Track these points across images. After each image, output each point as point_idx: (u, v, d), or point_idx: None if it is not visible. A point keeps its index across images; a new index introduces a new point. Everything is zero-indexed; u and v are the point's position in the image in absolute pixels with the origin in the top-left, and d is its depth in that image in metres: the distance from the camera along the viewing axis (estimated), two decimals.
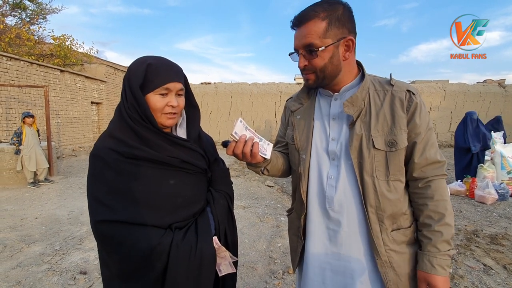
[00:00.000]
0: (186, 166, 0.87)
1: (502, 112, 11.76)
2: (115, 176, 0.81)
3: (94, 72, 10.40)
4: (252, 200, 4.41)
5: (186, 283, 0.81)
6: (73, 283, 2.13)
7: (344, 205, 0.86)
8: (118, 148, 0.81)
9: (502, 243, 2.95)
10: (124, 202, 0.80)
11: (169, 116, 0.83)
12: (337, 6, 0.81)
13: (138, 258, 0.78)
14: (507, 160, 4.67)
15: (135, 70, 0.81)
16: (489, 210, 3.99)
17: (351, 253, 0.85)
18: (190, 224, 0.86)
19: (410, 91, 0.84)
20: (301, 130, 0.95)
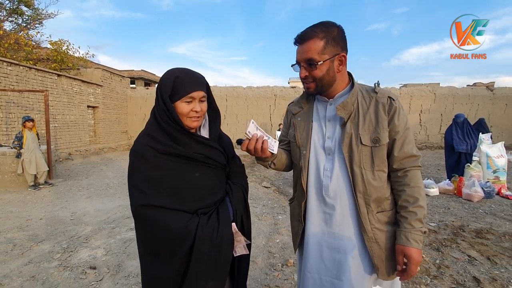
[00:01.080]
0: (209, 161, 1.02)
1: (490, 114, 12.18)
2: (151, 168, 0.96)
3: (90, 76, 10.46)
4: (250, 200, 4.55)
5: (208, 260, 0.95)
6: (84, 277, 2.25)
7: (338, 192, 1.02)
8: (154, 145, 0.96)
9: (487, 237, 3.15)
10: (159, 190, 0.94)
11: (194, 119, 0.99)
12: (332, 28, 0.99)
13: (169, 237, 0.92)
14: (493, 160, 4.91)
15: (165, 82, 0.97)
16: (476, 207, 4.20)
17: (344, 232, 1.02)
18: (212, 211, 1.01)
19: (391, 98, 1.02)
20: (301, 130, 1.12)
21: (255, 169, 7.52)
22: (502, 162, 4.91)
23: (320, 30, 0.97)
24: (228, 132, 12.58)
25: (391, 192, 1.04)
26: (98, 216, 3.76)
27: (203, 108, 1.01)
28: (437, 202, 4.45)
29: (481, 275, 2.34)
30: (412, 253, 0.93)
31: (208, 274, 0.94)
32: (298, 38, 1.01)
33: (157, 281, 0.97)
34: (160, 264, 0.96)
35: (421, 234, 0.95)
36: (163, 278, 0.95)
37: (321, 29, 0.98)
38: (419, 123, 12.38)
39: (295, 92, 12.48)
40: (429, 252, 2.77)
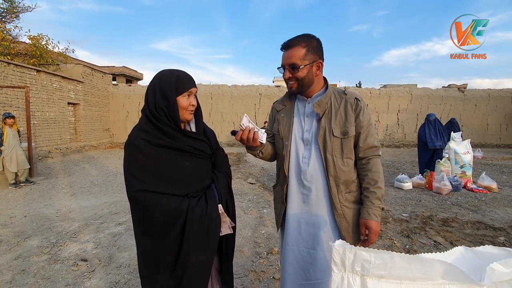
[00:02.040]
0: (197, 152, 1.17)
1: (461, 114, 12.95)
2: (146, 159, 1.09)
3: (71, 72, 10.19)
4: (236, 195, 4.70)
5: (199, 237, 1.09)
6: (76, 269, 2.31)
7: (314, 176, 1.22)
8: (148, 138, 1.09)
9: (452, 225, 3.47)
10: (153, 177, 1.08)
11: (190, 112, 1.14)
12: (312, 40, 1.19)
13: (164, 217, 1.06)
14: (460, 156, 5.32)
15: (168, 80, 1.10)
16: (444, 199, 4.57)
17: (318, 210, 1.21)
18: (201, 195, 1.16)
19: (357, 98, 1.23)
20: (284, 124, 1.31)
21: (241, 166, 7.67)
22: (468, 158, 5.33)
23: (302, 40, 1.17)
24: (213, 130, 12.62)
25: (357, 177, 1.24)
26: (85, 213, 3.78)
27: (196, 103, 1.16)
28: (410, 195, 4.78)
29: None
30: (372, 225, 1.14)
31: (199, 249, 1.08)
32: (284, 45, 1.20)
33: (154, 257, 1.10)
34: (156, 242, 1.08)
35: (379, 210, 1.16)
36: (160, 254, 1.08)
37: (303, 39, 1.18)
38: (397, 122, 12.96)
39: (279, 91, 12.71)
40: (400, 238, 3.03)
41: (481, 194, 4.87)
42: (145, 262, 1.15)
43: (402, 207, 4.16)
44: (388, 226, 3.40)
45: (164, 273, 1.10)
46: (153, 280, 1.12)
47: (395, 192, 4.99)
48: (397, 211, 3.99)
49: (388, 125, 12.95)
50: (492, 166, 7.98)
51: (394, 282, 0.68)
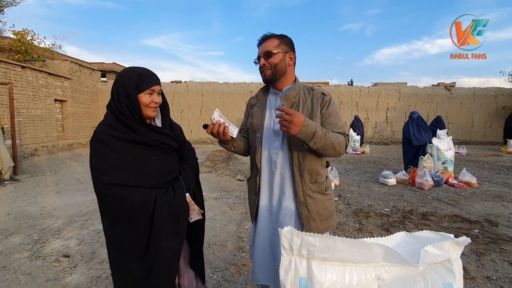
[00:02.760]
0: (164, 146, 1.22)
1: (448, 112, 13.24)
2: (113, 153, 1.12)
3: (58, 68, 10.01)
4: (224, 192, 4.74)
5: (168, 224, 1.15)
6: (57, 265, 2.32)
7: (281, 166, 1.28)
8: (114, 133, 1.13)
9: (430, 219, 3.59)
10: (120, 171, 1.12)
11: (153, 109, 1.18)
12: (285, 36, 1.30)
13: (132, 208, 1.10)
14: (442, 153, 5.47)
15: (129, 77, 1.14)
16: (425, 194, 4.71)
17: (284, 198, 1.27)
18: (169, 186, 1.21)
19: (323, 93, 1.29)
20: (257, 118, 1.36)
21: (230, 163, 7.70)
22: (449, 155, 5.49)
23: (276, 35, 1.28)
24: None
25: (323, 168, 1.31)
26: (70, 210, 3.77)
27: (160, 100, 1.21)
28: (393, 191, 4.91)
29: None
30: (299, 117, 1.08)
31: (168, 235, 1.13)
32: (261, 40, 1.30)
33: (124, 247, 1.14)
34: (126, 232, 1.13)
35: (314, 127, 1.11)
36: (130, 244, 1.13)
37: (277, 34, 1.29)
38: (386, 119, 13.17)
39: None
40: (380, 232, 3.13)
41: (461, 189, 5.03)
42: (116, 254, 1.19)
43: (384, 202, 4.27)
44: (369, 220, 3.49)
45: (135, 262, 1.14)
46: (125, 270, 1.17)
47: (379, 188, 5.11)
48: (380, 206, 4.10)
49: (377, 122, 13.15)
50: (474, 162, 8.21)
51: (338, 264, 0.74)
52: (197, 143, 12.50)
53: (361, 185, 5.30)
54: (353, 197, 4.49)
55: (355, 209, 3.87)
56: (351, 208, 3.92)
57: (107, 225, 1.18)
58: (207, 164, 7.55)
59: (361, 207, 4.01)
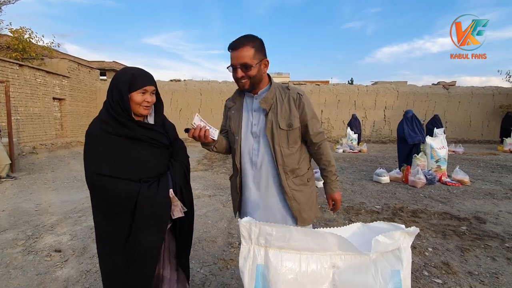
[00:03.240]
0: (153, 141, 1.28)
1: (446, 111, 13.26)
2: (103, 146, 1.20)
3: (56, 67, 10.05)
4: (218, 189, 4.79)
5: (149, 218, 1.19)
6: (49, 259, 2.38)
7: (263, 166, 1.34)
8: (106, 128, 1.20)
9: (420, 216, 3.63)
10: (109, 163, 1.18)
11: (145, 108, 1.24)
12: (256, 39, 1.29)
13: (116, 200, 1.16)
14: (436, 151, 5.51)
15: (123, 77, 1.21)
16: (418, 192, 4.75)
17: (269, 194, 1.33)
18: (155, 180, 1.25)
19: (299, 93, 1.34)
20: (234, 120, 1.40)
21: (227, 162, 7.74)
22: (443, 153, 5.53)
23: (249, 41, 1.27)
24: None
25: (301, 162, 1.37)
26: (65, 207, 3.82)
27: (153, 99, 1.26)
28: (386, 189, 4.95)
29: None
30: (336, 196, 1.45)
31: (148, 228, 1.18)
32: (232, 46, 1.27)
33: (108, 236, 1.20)
34: (110, 222, 1.19)
35: (337, 182, 1.46)
36: (113, 233, 1.19)
37: (249, 40, 1.27)
38: (384, 118, 13.20)
39: None
40: None
41: (453, 187, 5.07)
42: (101, 241, 1.25)
43: (376, 200, 4.31)
44: (359, 217, 3.54)
45: (117, 251, 1.19)
46: (108, 257, 1.23)
47: (373, 186, 5.15)
48: (371, 203, 4.14)
49: (375, 121, 13.18)
50: (470, 160, 8.25)
51: (294, 252, 0.79)
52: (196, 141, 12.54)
53: (355, 183, 5.34)
54: (345, 195, 4.53)
55: (346, 207, 3.92)
56: (342, 206, 3.97)
57: (95, 214, 1.24)
58: (204, 162, 7.60)
59: (353, 204, 4.05)
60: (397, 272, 0.76)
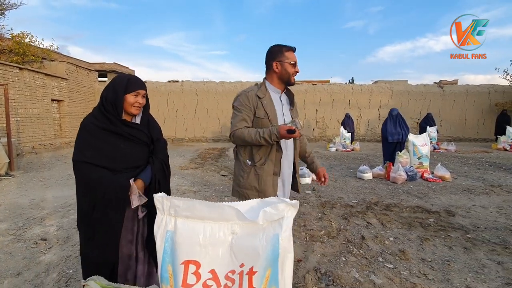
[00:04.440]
0: (133, 138, 1.51)
1: (440, 109, 13.34)
2: (90, 137, 1.45)
3: (55, 69, 10.33)
4: (204, 186, 5.00)
5: (110, 199, 1.40)
6: (35, 246, 2.60)
7: (289, 148, 1.76)
8: (95, 122, 1.45)
9: (392, 209, 3.80)
10: (92, 152, 1.42)
11: (136, 108, 1.49)
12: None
13: (89, 181, 1.40)
14: (418, 148, 5.67)
15: (121, 80, 1.47)
16: (397, 188, 4.91)
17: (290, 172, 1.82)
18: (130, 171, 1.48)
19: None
20: (270, 110, 1.68)
21: (220, 160, 7.95)
22: (425, 150, 5.68)
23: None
24: (199, 126, 12.87)
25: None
26: (56, 202, 4.04)
27: (143, 102, 1.53)
28: (367, 185, 5.12)
29: (368, 234, 2.95)
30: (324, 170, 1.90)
31: (107, 207, 1.40)
32: (294, 48, 1.72)
33: (82, 212, 1.46)
34: (84, 198, 1.44)
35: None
36: (84, 210, 1.44)
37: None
38: (378, 117, 13.31)
39: None
40: (338, 220, 3.36)
41: (433, 183, 5.23)
42: (78, 216, 1.51)
43: (355, 195, 4.48)
44: (333, 210, 3.72)
45: (86, 224, 1.44)
46: (82, 229, 1.48)
47: (355, 182, 5.32)
48: (349, 198, 4.32)
49: (370, 120, 13.31)
50: (460, 158, 8.36)
51: (199, 221, 0.98)
52: (192, 141, 12.77)
53: (338, 180, 5.51)
54: (326, 191, 4.71)
55: (324, 201, 4.10)
56: (320, 201, 4.15)
57: (76, 191, 1.49)
58: (197, 161, 7.81)
59: (331, 199, 4.23)
60: (276, 235, 0.94)
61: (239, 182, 1.73)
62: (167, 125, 12.72)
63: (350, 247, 2.68)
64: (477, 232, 3.09)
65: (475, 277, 2.22)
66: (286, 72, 1.70)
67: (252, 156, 1.69)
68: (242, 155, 1.73)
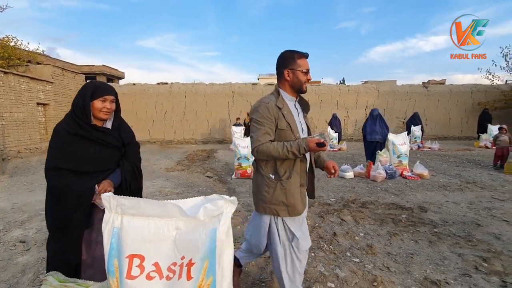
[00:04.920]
0: (103, 142, 1.58)
1: (425, 109, 13.65)
2: (62, 143, 1.52)
3: (40, 72, 10.24)
4: (188, 187, 5.06)
5: (73, 202, 1.47)
6: (13, 248, 2.65)
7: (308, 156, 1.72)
8: (67, 128, 1.52)
9: (368, 207, 3.93)
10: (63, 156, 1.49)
11: (105, 113, 1.55)
12: None
13: (58, 187, 1.47)
14: (397, 147, 5.84)
15: (87, 88, 1.55)
16: (376, 186, 5.06)
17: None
18: (99, 174, 1.54)
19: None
20: (291, 120, 1.62)
21: (207, 162, 8.01)
22: (404, 149, 5.86)
23: None
24: (187, 128, 12.89)
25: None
26: (38, 205, 4.06)
27: (112, 107, 1.59)
28: (348, 184, 5.26)
29: (340, 231, 3.07)
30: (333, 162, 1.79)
31: (73, 209, 1.47)
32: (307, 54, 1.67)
33: (50, 211, 1.53)
34: (51, 202, 1.52)
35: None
36: (52, 211, 1.51)
37: None
38: (365, 117, 13.49)
39: (252, 89, 13.07)
40: (314, 218, 3.47)
41: (412, 180, 5.40)
42: (46, 218, 1.57)
43: (334, 194, 4.61)
44: (311, 209, 3.82)
45: (51, 225, 1.53)
46: (50, 231, 1.56)
47: (336, 181, 5.44)
48: (329, 196, 4.43)
49: (357, 120, 13.53)
50: (441, 156, 8.59)
51: (144, 218, 1.07)
52: (181, 143, 12.79)
53: (320, 179, 5.62)
54: None
55: None
56: None
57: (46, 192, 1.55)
58: (184, 163, 7.85)
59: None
60: (214, 229, 1.04)
61: (265, 198, 1.62)
62: (156, 128, 12.72)
63: (321, 243, 2.79)
64: (445, 226, 3.23)
65: (435, 268, 2.35)
66: (298, 80, 1.64)
67: (275, 170, 1.62)
68: (263, 169, 1.64)
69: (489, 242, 2.82)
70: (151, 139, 12.79)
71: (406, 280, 2.19)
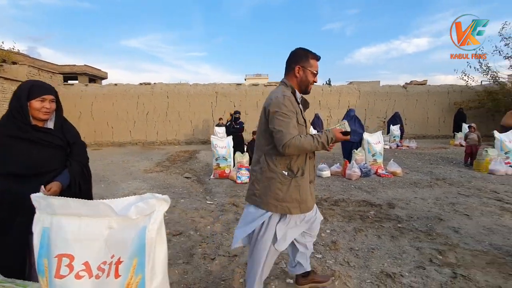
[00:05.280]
0: (45, 143, 1.52)
1: (405, 109, 14.03)
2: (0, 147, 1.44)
3: (15, 73, 9.91)
4: (164, 189, 5.02)
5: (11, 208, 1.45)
6: None
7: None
8: (4, 131, 1.46)
9: (339, 204, 4.02)
10: (3, 161, 1.43)
11: (44, 113, 1.50)
12: None
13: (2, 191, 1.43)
14: (372, 146, 6.00)
15: (24, 88, 1.48)
16: (351, 184, 5.18)
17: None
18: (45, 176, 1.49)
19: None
20: (301, 115, 1.66)
21: (188, 163, 7.96)
22: (379, 148, 6.02)
23: None
24: (170, 129, 12.75)
25: None
26: None
27: (52, 106, 1.54)
28: (324, 182, 5.35)
29: None
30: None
31: (14, 213, 1.44)
32: (319, 57, 1.69)
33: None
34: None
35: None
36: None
37: None
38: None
39: (236, 89, 13.08)
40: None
41: (385, 178, 5.56)
42: None
43: None
44: None
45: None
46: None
47: None
48: None
49: (339, 120, 13.76)
50: (417, 154, 8.87)
51: (75, 217, 1.07)
52: (163, 144, 12.65)
53: None
54: None
55: None
56: None
57: None
58: (165, 164, 7.77)
59: None
60: (144, 227, 1.06)
61: (277, 196, 1.58)
62: (137, 129, 12.52)
63: None
64: (409, 221, 3.35)
65: (392, 262, 2.44)
66: (306, 79, 1.66)
67: (290, 167, 1.60)
68: (277, 166, 1.59)
69: (447, 235, 2.95)
70: (133, 140, 12.58)
71: (363, 274, 2.26)
